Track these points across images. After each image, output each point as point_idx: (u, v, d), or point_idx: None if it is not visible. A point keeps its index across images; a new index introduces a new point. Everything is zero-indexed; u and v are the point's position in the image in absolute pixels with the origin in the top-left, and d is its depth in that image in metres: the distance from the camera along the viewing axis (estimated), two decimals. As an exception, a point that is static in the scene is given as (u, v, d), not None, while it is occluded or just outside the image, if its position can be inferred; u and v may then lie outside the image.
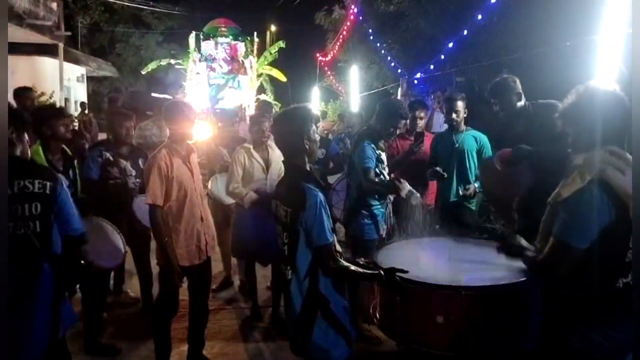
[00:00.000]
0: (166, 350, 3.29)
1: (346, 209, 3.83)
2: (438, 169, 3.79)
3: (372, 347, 3.66)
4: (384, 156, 3.79)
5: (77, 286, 3.51)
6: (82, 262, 2.82)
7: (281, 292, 4.01)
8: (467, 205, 4.01)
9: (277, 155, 4.05)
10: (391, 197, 3.87)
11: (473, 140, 4.01)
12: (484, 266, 2.71)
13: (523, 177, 3.14)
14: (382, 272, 2.18)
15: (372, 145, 3.57)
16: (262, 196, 3.93)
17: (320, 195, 2.13)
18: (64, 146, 3.51)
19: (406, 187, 3.37)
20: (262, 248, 3.89)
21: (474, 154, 3.97)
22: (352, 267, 2.18)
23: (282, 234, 2.24)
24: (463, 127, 4.02)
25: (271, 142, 4.12)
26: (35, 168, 2.22)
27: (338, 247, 2.23)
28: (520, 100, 3.26)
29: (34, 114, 3.42)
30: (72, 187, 3.37)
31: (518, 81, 3.29)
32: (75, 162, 3.58)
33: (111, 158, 3.89)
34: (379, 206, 3.72)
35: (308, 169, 2.30)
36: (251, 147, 4.12)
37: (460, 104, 3.97)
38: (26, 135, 2.24)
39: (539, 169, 3.23)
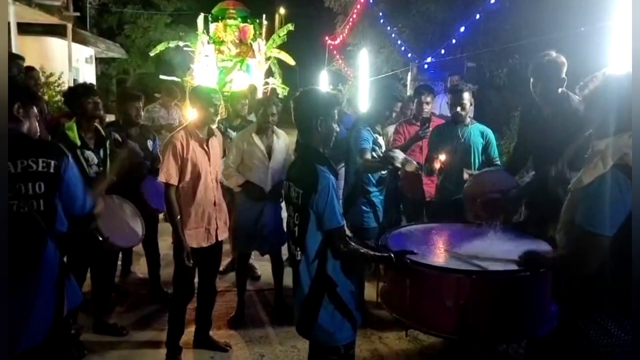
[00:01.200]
0: (178, 332, 3.35)
1: (344, 196, 3.74)
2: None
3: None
4: (381, 140, 3.74)
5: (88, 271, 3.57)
6: (100, 238, 2.89)
7: (282, 278, 4.07)
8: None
9: (282, 144, 3.97)
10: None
11: (479, 135, 3.86)
12: (495, 252, 2.71)
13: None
14: (392, 255, 2.19)
15: (368, 129, 3.54)
16: (256, 189, 3.83)
17: (332, 179, 2.14)
18: (97, 125, 3.53)
19: (400, 155, 3.35)
20: (260, 239, 3.91)
21: (480, 150, 3.83)
22: (363, 250, 2.20)
23: (293, 215, 2.25)
24: (468, 120, 3.87)
25: (278, 130, 4.03)
26: (40, 146, 2.17)
27: (347, 232, 2.24)
28: (562, 86, 3.03)
29: (66, 94, 3.61)
30: (102, 165, 3.43)
31: (565, 64, 3.01)
32: (108, 142, 3.59)
33: (120, 139, 3.92)
34: (378, 194, 3.69)
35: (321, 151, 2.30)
36: (254, 132, 3.93)
37: (466, 96, 3.79)
38: (35, 110, 2.21)
39: (544, 161, 3.19)
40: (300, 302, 2.25)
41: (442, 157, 3.73)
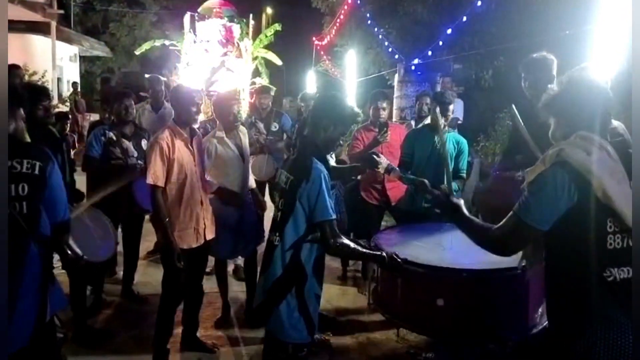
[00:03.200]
0: (166, 335, 3.30)
1: None
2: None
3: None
4: (333, 161, 3.71)
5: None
6: (69, 252, 2.80)
7: (255, 280, 4.03)
8: (434, 212, 3.90)
9: (247, 140, 3.93)
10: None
11: (453, 144, 3.90)
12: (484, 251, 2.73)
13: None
14: (384, 254, 2.20)
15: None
16: (232, 194, 3.71)
17: (325, 172, 2.16)
18: (51, 128, 3.44)
19: (384, 161, 3.36)
20: (243, 244, 3.84)
21: (453, 158, 3.86)
22: (353, 245, 2.21)
23: (278, 201, 2.26)
24: (446, 128, 3.92)
25: (241, 127, 3.95)
26: (25, 147, 2.13)
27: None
28: (552, 82, 3.16)
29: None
30: (61, 171, 3.32)
31: (555, 62, 3.16)
32: (64, 145, 3.52)
33: (114, 138, 3.88)
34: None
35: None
36: (224, 135, 3.76)
37: (451, 108, 3.86)
38: (22, 111, 2.17)
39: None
40: (267, 287, 2.25)
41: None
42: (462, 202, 2.00)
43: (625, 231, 1.63)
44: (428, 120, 4.36)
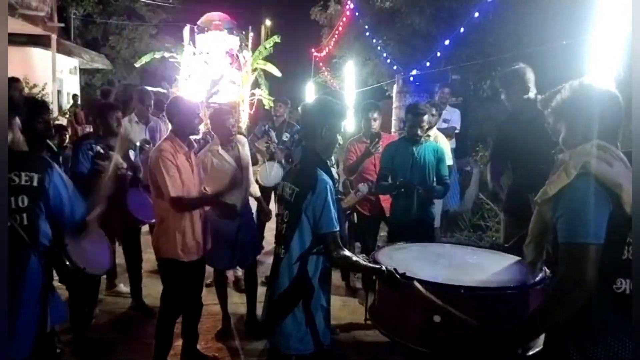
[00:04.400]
0: (166, 348, 3.28)
1: None
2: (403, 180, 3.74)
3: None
4: (335, 171, 3.78)
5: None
6: (68, 264, 2.79)
7: (255, 292, 4.04)
8: (427, 220, 3.93)
9: (246, 151, 3.91)
10: None
11: (432, 152, 3.92)
12: (486, 269, 2.74)
13: None
14: (384, 268, 2.19)
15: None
16: (228, 207, 3.58)
17: (330, 183, 2.16)
18: (48, 141, 3.44)
19: (363, 188, 3.68)
20: (240, 255, 3.83)
21: (434, 167, 3.90)
22: (355, 258, 2.21)
23: (283, 213, 2.25)
24: (422, 139, 3.94)
25: (239, 137, 3.95)
26: (23, 159, 2.12)
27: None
28: (527, 92, 3.22)
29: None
30: None
31: (530, 72, 3.23)
32: (61, 158, 3.51)
33: (102, 151, 3.86)
34: None
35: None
36: (219, 147, 3.76)
37: (426, 118, 3.90)
38: (18, 121, 2.17)
39: (526, 169, 3.26)
40: (273, 300, 2.24)
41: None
42: None
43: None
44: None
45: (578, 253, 1.58)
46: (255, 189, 4.17)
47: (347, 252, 2.18)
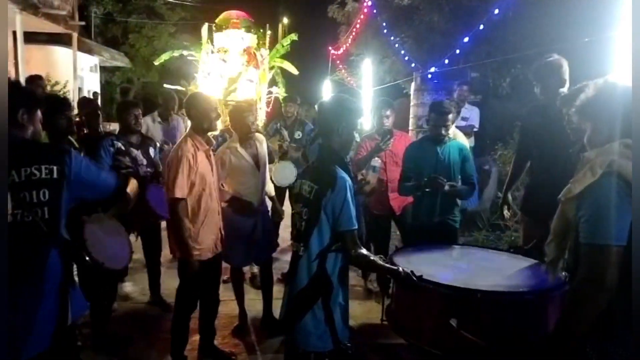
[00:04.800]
0: (183, 344, 3.33)
1: None
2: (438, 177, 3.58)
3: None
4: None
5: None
6: (88, 259, 2.82)
7: (271, 288, 4.05)
8: (450, 222, 3.80)
9: (264, 149, 3.93)
10: None
11: (457, 152, 3.79)
12: (503, 273, 2.71)
13: None
14: (401, 269, 2.18)
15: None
16: (245, 204, 3.70)
17: (350, 181, 2.17)
18: (70, 138, 3.50)
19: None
20: (256, 251, 3.85)
21: (458, 167, 3.77)
22: (372, 257, 2.20)
23: (302, 211, 2.26)
24: (447, 138, 3.81)
25: (257, 135, 3.97)
26: (42, 152, 2.12)
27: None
28: (563, 85, 3.14)
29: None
30: None
31: (566, 64, 3.14)
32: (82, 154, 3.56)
33: (122, 147, 3.92)
34: None
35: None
36: (237, 145, 3.79)
37: (451, 118, 3.76)
38: (40, 114, 2.19)
39: (547, 166, 3.21)
40: (292, 297, 2.25)
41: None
42: None
43: None
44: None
45: (599, 254, 1.57)
46: (270, 188, 4.18)
47: (365, 251, 2.18)
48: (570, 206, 1.75)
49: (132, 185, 2.48)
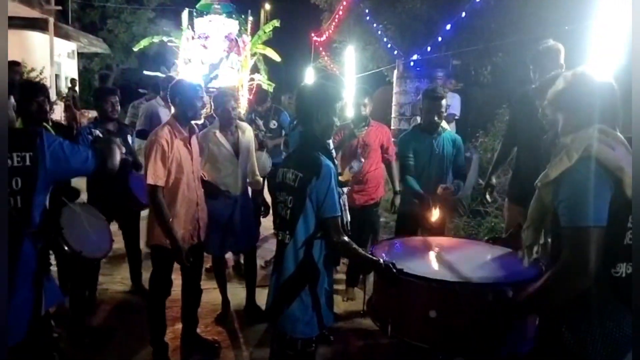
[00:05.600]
0: (161, 330, 3.31)
1: None
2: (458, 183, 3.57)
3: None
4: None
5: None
6: (66, 248, 2.77)
7: (255, 277, 4.04)
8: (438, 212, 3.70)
9: (247, 138, 3.85)
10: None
11: (451, 144, 3.74)
12: (483, 264, 2.74)
13: None
14: (382, 261, 2.20)
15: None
16: (212, 187, 3.59)
17: (334, 168, 2.16)
18: (46, 125, 3.42)
19: (357, 166, 3.58)
20: (233, 239, 3.80)
21: (452, 158, 3.74)
22: (354, 245, 2.21)
23: (286, 199, 2.24)
24: (441, 128, 3.74)
25: (241, 124, 3.90)
26: (14, 139, 2.01)
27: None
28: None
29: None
30: None
31: (563, 51, 3.18)
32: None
33: (101, 135, 3.85)
34: None
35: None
36: (217, 130, 3.71)
37: (444, 103, 3.63)
38: (13, 100, 2.12)
39: (533, 152, 3.24)
40: (278, 285, 2.25)
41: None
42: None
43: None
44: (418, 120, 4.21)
45: (581, 237, 1.58)
46: (258, 182, 4.10)
47: (347, 239, 2.19)
48: (546, 191, 1.77)
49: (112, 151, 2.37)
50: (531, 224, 1.97)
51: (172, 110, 3.31)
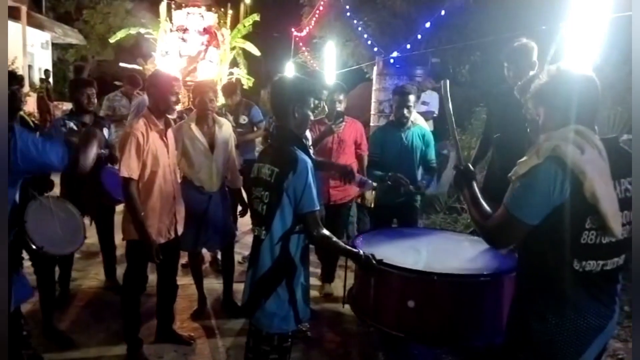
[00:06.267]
0: (135, 326, 3.26)
1: None
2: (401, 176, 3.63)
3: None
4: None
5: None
6: (33, 246, 2.69)
7: (232, 273, 4.01)
8: (413, 203, 3.91)
9: (225, 134, 3.78)
10: None
11: (420, 137, 3.88)
12: (462, 256, 2.78)
13: None
14: (361, 253, 2.21)
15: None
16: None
17: (310, 162, 2.14)
18: (22, 114, 3.32)
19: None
20: (207, 236, 3.76)
21: (420, 152, 3.86)
22: (334, 239, 2.21)
23: (262, 194, 2.23)
24: (410, 123, 3.89)
25: (219, 118, 3.83)
26: None
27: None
28: (533, 69, 3.23)
29: None
30: None
31: (536, 48, 3.24)
32: (37, 133, 3.40)
33: (75, 128, 3.77)
34: None
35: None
36: (193, 123, 3.66)
37: (412, 99, 3.82)
38: None
39: (509, 149, 3.29)
40: (254, 281, 2.24)
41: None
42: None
43: (601, 228, 1.68)
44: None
45: (509, 221, 1.73)
46: (238, 180, 4.00)
47: (327, 232, 2.19)
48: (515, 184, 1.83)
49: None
50: None
51: (147, 102, 3.25)
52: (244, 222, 4.65)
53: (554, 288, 1.74)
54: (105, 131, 4.00)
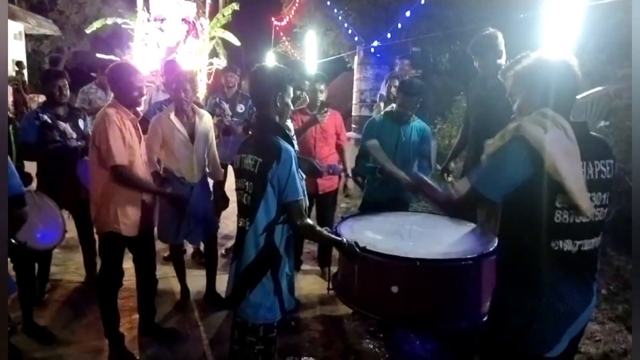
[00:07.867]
0: (114, 321, 3.20)
1: None
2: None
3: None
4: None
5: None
6: (13, 241, 2.64)
7: (215, 265, 3.99)
8: (403, 197, 3.80)
9: (205, 125, 3.72)
10: None
11: (417, 132, 3.72)
12: (445, 240, 2.81)
13: None
14: (345, 240, 2.21)
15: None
16: (154, 175, 3.50)
17: (293, 152, 2.13)
18: None
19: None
20: (188, 229, 3.72)
21: (418, 147, 3.73)
22: (318, 228, 2.21)
23: (246, 185, 2.21)
24: (411, 119, 3.71)
25: (199, 110, 3.76)
26: None
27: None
28: (500, 57, 3.25)
29: None
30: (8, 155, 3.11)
31: (500, 36, 3.25)
32: (11, 127, 3.31)
33: (49, 120, 3.67)
34: None
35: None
36: (172, 113, 3.60)
37: (419, 99, 3.57)
38: None
39: (484, 138, 3.32)
40: (239, 272, 2.23)
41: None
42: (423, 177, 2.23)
43: (573, 208, 1.71)
44: (390, 107, 4.19)
45: (472, 195, 1.85)
46: (219, 172, 3.96)
47: (310, 222, 2.19)
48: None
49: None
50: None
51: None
52: (226, 215, 4.63)
53: (533, 270, 1.78)
54: (81, 122, 3.93)
